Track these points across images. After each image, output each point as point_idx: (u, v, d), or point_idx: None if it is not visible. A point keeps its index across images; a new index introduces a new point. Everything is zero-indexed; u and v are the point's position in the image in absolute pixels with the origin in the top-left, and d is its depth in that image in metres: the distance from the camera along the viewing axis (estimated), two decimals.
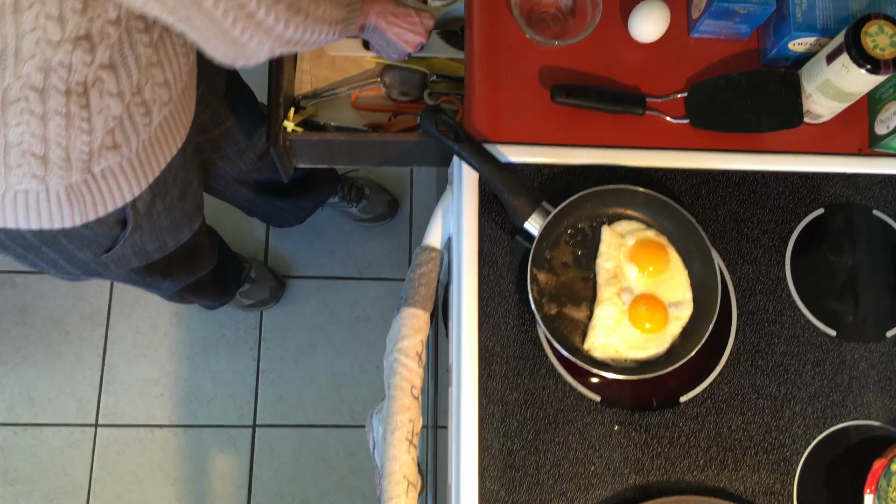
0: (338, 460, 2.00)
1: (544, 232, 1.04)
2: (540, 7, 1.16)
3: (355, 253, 2.12)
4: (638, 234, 1.08)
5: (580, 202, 1.06)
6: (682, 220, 1.06)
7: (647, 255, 1.07)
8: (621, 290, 1.06)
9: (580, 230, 1.09)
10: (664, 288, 1.07)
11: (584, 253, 1.08)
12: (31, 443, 1.96)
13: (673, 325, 1.05)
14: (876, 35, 0.99)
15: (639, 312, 1.05)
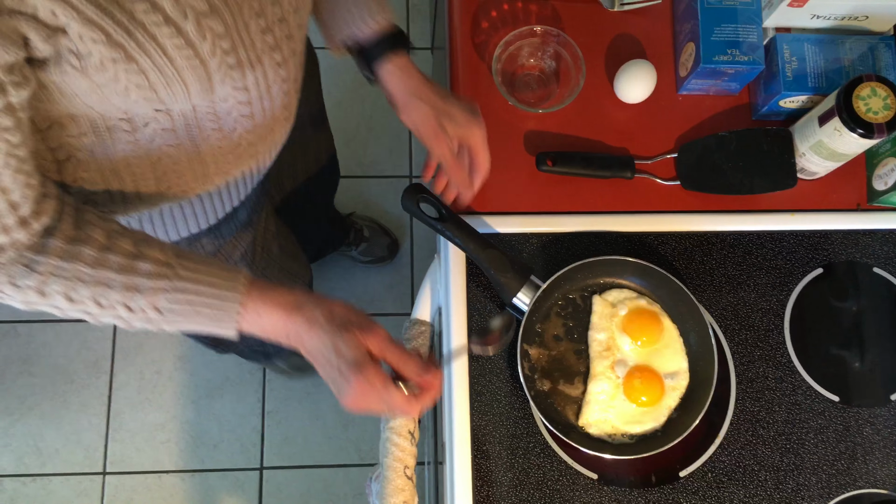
0: (346, 500, 1.99)
1: (534, 307, 1.02)
2: (523, 70, 1.13)
3: (357, 289, 2.11)
4: (630, 303, 1.05)
5: (570, 274, 1.03)
6: (674, 288, 1.03)
7: (639, 324, 1.04)
8: (615, 362, 1.04)
9: (571, 301, 1.06)
10: (659, 358, 1.04)
11: (576, 324, 1.06)
12: (41, 493, 1.96)
13: (670, 397, 1.03)
14: (868, 98, 0.96)
15: (634, 386, 1.02)
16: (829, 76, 1.06)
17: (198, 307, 0.76)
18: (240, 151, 0.88)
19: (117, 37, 0.62)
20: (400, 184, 2.17)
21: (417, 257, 2.14)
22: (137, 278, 0.74)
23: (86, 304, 0.74)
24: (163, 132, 0.78)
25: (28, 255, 0.70)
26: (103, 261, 0.73)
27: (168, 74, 0.68)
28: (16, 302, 0.73)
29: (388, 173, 2.18)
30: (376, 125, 2.14)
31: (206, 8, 0.66)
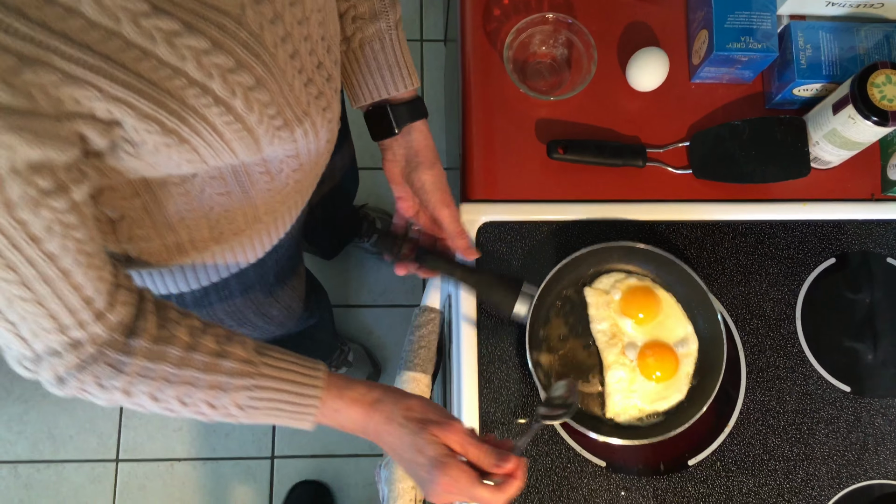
0: (356, 490, 1.99)
1: (533, 316, 1.01)
2: (535, 58, 1.13)
3: (369, 280, 2.11)
4: (620, 285, 1.05)
5: (560, 273, 1.02)
6: (681, 274, 1.02)
7: (636, 302, 1.04)
8: (624, 347, 1.03)
9: (567, 298, 1.06)
10: (664, 329, 1.04)
11: (577, 320, 1.05)
12: (54, 479, 1.98)
13: (686, 364, 1.02)
14: (883, 85, 0.95)
15: (648, 364, 1.02)
16: (844, 64, 1.05)
17: (278, 404, 0.78)
18: (287, 191, 0.90)
19: (171, 125, 0.63)
20: None
21: None
22: (222, 377, 0.75)
23: (170, 403, 0.76)
24: (212, 180, 0.79)
25: (114, 356, 0.72)
26: (188, 360, 0.74)
27: (217, 148, 0.69)
28: (99, 400, 0.75)
29: None
30: None
31: (254, 82, 0.67)
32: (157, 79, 0.60)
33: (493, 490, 0.77)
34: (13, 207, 0.56)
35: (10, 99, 0.52)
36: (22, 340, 0.68)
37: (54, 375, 0.71)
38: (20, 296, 0.63)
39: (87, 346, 0.70)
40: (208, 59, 0.62)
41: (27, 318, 0.66)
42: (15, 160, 0.54)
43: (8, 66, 0.51)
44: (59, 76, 0.54)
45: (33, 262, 0.61)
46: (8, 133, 0.52)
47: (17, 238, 0.59)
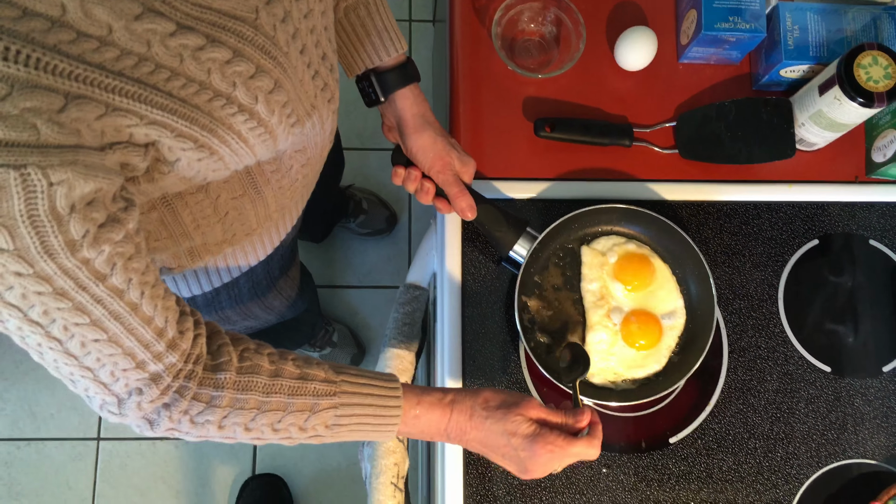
0: (339, 470, 1.99)
1: (532, 258, 1.01)
2: (523, 35, 1.12)
3: (354, 262, 2.11)
4: (619, 248, 1.05)
5: (567, 223, 1.03)
6: (670, 232, 1.03)
7: (630, 269, 1.04)
8: (610, 310, 1.03)
9: (570, 250, 1.06)
10: (653, 299, 1.04)
11: (574, 274, 1.06)
12: (35, 457, 1.97)
13: (668, 337, 1.03)
14: (869, 67, 0.95)
15: (631, 331, 1.02)
16: (831, 46, 1.05)
17: (363, 418, 0.80)
18: (296, 186, 0.91)
19: (203, 139, 0.64)
20: None
21: (415, 231, 2.13)
22: (309, 399, 0.77)
23: (262, 431, 0.76)
24: (226, 185, 0.79)
25: (206, 391, 0.72)
26: (275, 387, 0.76)
27: (242, 153, 0.70)
28: (191, 437, 0.75)
29: (387, 146, 2.16)
30: None
31: (273, 85, 0.67)
32: (186, 95, 0.60)
33: (586, 441, 0.81)
34: (76, 247, 0.55)
35: (60, 136, 0.52)
36: (102, 386, 0.67)
37: (142, 417, 0.71)
38: (94, 338, 0.62)
39: (165, 378, 0.69)
40: (230, 69, 0.63)
41: (104, 361, 0.65)
42: (73, 197, 0.53)
43: (56, 105, 0.51)
44: (102, 108, 0.54)
45: (101, 301, 0.60)
46: (63, 169, 0.52)
47: (82, 279, 0.57)
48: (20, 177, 0.50)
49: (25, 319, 0.58)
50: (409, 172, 1.01)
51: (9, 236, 0.52)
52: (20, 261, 0.53)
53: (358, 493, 1.97)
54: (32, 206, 0.51)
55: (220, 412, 0.73)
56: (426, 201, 1.02)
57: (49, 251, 0.54)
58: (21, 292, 0.56)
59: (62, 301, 0.58)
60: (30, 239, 0.53)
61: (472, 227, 1.07)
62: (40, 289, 0.56)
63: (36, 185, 0.51)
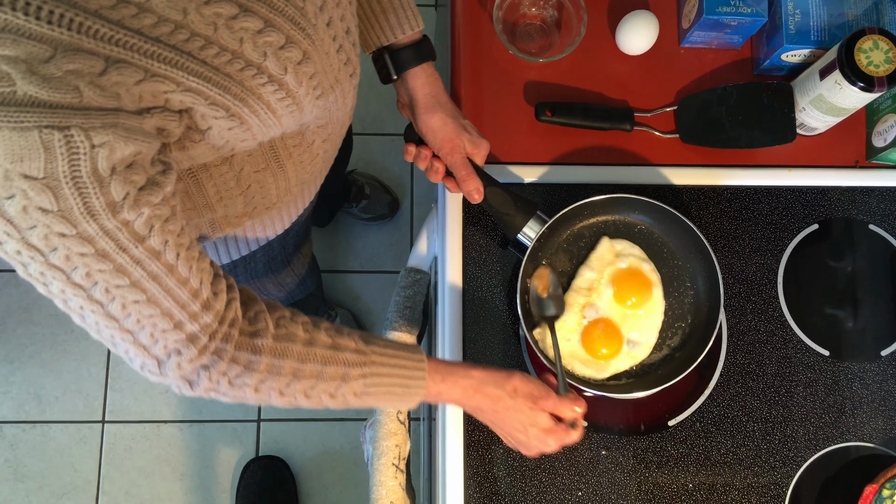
0: (342, 453, 2.01)
1: (541, 243, 1.01)
2: (525, 19, 1.12)
3: (356, 246, 2.11)
4: (633, 260, 1.05)
5: (578, 210, 1.02)
6: (684, 228, 1.02)
7: (630, 286, 1.03)
8: (588, 304, 1.03)
9: (580, 236, 1.06)
10: (632, 321, 1.03)
11: (581, 262, 1.05)
12: (40, 440, 1.98)
13: (621, 361, 1.03)
14: (870, 51, 0.95)
15: (592, 335, 1.02)
16: (833, 31, 1.05)
17: (390, 388, 0.83)
18: (316, 161, 0.92)
19: (235, 108, 0.65)
20: (401, 142, 2.14)
21: (417, 216, 2.14)
22: (341, 368, 0.79)
23: (296, 397, 0.79)
24: (250, 158, 0.80)
25: (246, 355, 0.74)
26: (310, 355, 0.78)
27: (270, 124, 0.71)
28: (227, 398, 0.77)
29: (389, 131, 2.17)
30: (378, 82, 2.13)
31: (301, 56, 0.68)
32: (220, 64, 0.61)
33: (578, 433, 0.91)
34: (117, 209, 0.57)
35: (102, 99, 0.53)
36: (142, 348, 0.69)
37: (182, 377, 0.72)
38: (134, 299, 0.63)
39: (202, 338, 0.70)
40: (262, 39, 0.64)
41: (143, 323, 0.66)
42: (114, 159, 0.54)
43: (97, 68, 0.52)
44: (141, 74, 0.55)
45: (140, 262, 0.61)
46: (105, 131, 0.53)
47: (122, 240, 0.59)
48: (64, 138, 0.51)
49: (69, 282, 0.60)
50: (420, 151, 1.02)
51: (53, 197, 0.53)
52: (64, 221, 0.55)
53: (359, 475, 1.99)
54: (75, 167, 0.52)
55: (258, 376, 0.75)
56: (436, 180, 1.03)
57: (91, 212, 0.55)
58: (65, 254, 0.57)
59: (104, 263, 0.59)
60: (73, 200, 0.54)
61: (473, 212, 1.07)
62: (83, 250, 0.57)
63: (79, 146, 0.52)
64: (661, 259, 1.05)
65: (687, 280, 1.04)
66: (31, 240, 0.56)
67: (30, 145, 0.50)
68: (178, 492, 1.97)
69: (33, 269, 0.59)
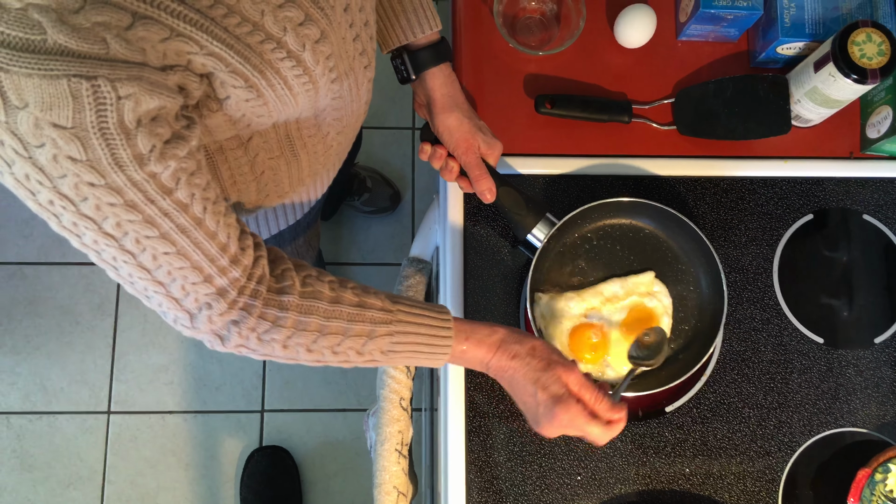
0: (344, 443, 2.03)
1: (547, 246, 1.03)
2: (525, 13, 1.14)
3: (358, 238, 2.13)
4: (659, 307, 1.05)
5: (587, 213, 1.04)
6: (688, 232, 1.04)
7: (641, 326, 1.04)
8: (595, 309, 1.05)
9: (588, 240, 1.08)
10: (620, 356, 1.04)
11: (588, 265, 1.07)
12: (47, 430, 2.01)
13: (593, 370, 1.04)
14: (863, 44, 0.97)
15: (582, 337, 1.04)
16: (827, 24, 1.07)
17: (416, 346, 0.84)
18: (330, 152, 0.93)
19: (253, 79, 0.66)
20: (403, 135, 2.19)
21: (419, 209, 2.16)
22: (367, 325, 0.81)
23: (323, 353, 0.80)
24: (265, 144, 0.82)
25: (273, 312, 0.76)
26: (336, 312, 0.79)
27: (286, 101, 0.72)
28: (257, 355, 0.79)
29: (391, 124, 2.19)
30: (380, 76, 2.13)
31: (319, 35, 0.70)
32: (241, 34, 0.63)
33: (604, 428, 0.85)
34: (144, 161, 0.58)
35: (128, 52, 0.54)
36: (174, 301, 0.70)
37: (213, 332, 0.75)
38: (164, 251, 0.65)
39: (231, 292, 0.72)
40: (282, 14, 0.65)
41: (174, 275, 0.68)
42: (139, 111, 0.56)
43: (124, 22, 0.54)
44: (167, 32, 0.57)
45: (168, 214, 0.63)
46: (130, 84, 0.54)
47: (150, 192, 0.60)
48: (91, 88, 0.53)
49: (100, 232, 0.62)
50: (436, 150, 1.03)
51: (81, 147, 0.55)
52: (93, 171, 0.56)
53: (362, 465, 2.01)
54: (103, 117, 0.54)
55: (286, 332, 0.77)
56: (450, 179, 1.04)
57: (119, 163, 0.57)
58: (95, 203, 0.59)
59: (133, 213, 0.61)
60: (101, 150, 0.55)
61: (474, 203, 1.09)
62: (112, 200, 0.59)
63: (106, 97, 0.53)
64: (665, 263, 1.07)
65: (691, 284, 1.06)
66: (63, 189, 0.57)
67: (59, 93, 0.52)
68: (183, 481, 2.00)
69: (66, 219, 0.61)
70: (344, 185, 1.97)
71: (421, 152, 1.05)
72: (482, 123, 1.04)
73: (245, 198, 0.90)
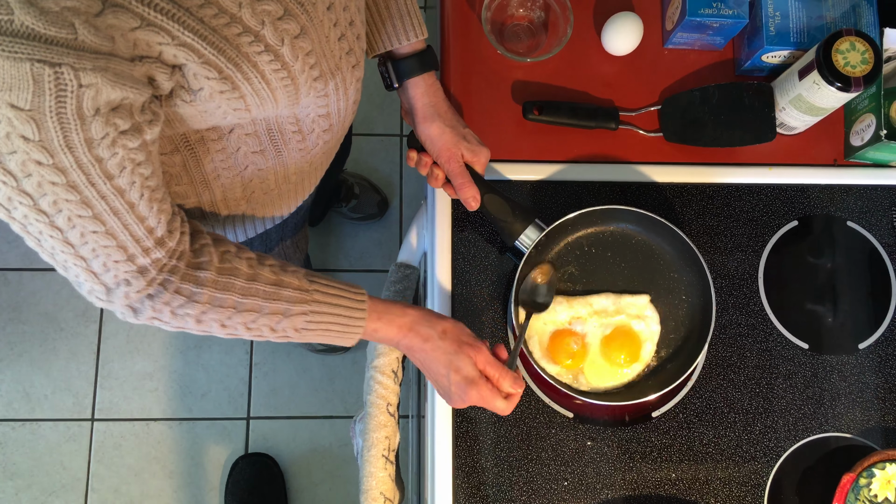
0: (331, 450, 2.02)
1: (535, 249, 1.03)
2: (512, 20, 1.15)
3: (346, 245, 2.13)
4: (646, 333, 1.06)
5: (576, 220, 1.04)
6: (678, 241, 1.05)
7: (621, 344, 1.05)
8: (580, 319, 1.05)
9: (578, 246, 1.08)
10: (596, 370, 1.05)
11: (581, 271, 1.07)
12: (30, 438, 1.99)
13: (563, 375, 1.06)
14: (847, 52, 0.98)
15: (562, 341, 1.05)
16: (812, 32, 1.08)
17: (330, 326, 0.86)
18: (316, 152, 0.93)
19: (228, 71, 0.66)
20: (391, 142, 2.19)
21: (406, 215, 2.16)
22: (282, 304, 0.82)
23: (237, 328, 0.81)
24: (247, 138, 0.82)
25: (187, 287, 0.76)
26: (252, 290, 0.80)
27: (263, 96, 0.72)
28: (169, 327, 0.79)
29: (378, 131, 2.19)
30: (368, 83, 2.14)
31: (299, 30, 0.70)
32: (217, 25, 0.63)
33: (507, 403, 0.90)
34: (93, 146, 0.59)
35: (96, 40, 0.54)
36: (93, 275, 0.71)
37: (127, 305, 0.75)
38: (92, 230, 0.66)
39: (151, 271, 0.73)
40: (260, 7, 0.65)
41: (98, 252, 0.69)
42: (99, 101, 0.56)
43: (94, 9, 0.54)
44: (137, 21, 0.57)
45: (105, 197, 0.64)
46: (94, 74, 0.55)
47: (93, 175, 0.61)
48: (54, 74, 0.53)
49: (34, 208, 0.62)
50: (422, 157, 1.04)
51: (36, 128, 0.55)
52: (43, 150, 0.57)
53: (348, 472, 2.00)
54: (61, 103, 0.55)
55: (200, 307, 0.77)
56: (436, 186, 1.05)
57: (70, 145, 0.58)
58: (38, 181, 0.60)
59: (72, 193, 0.62)
60: (54, 132, 0.56)
61: (462, 209, 1.10)
62: (55, 179, 0.60)
63: (67, 84, 0.54)
64: (656, 271, 1.08)
65: (681, 293, 1.07)
66: (9, 165, 0.58)
67: (20, 76, 0.52)
68: (168, 489, 1.98)
69: (1, 194, 0.61)
70: (332, 191, 1.97)
71: (408, 159, 1.05)
72: (467, 131, 1.04)
73: (230, 194, 0.90)
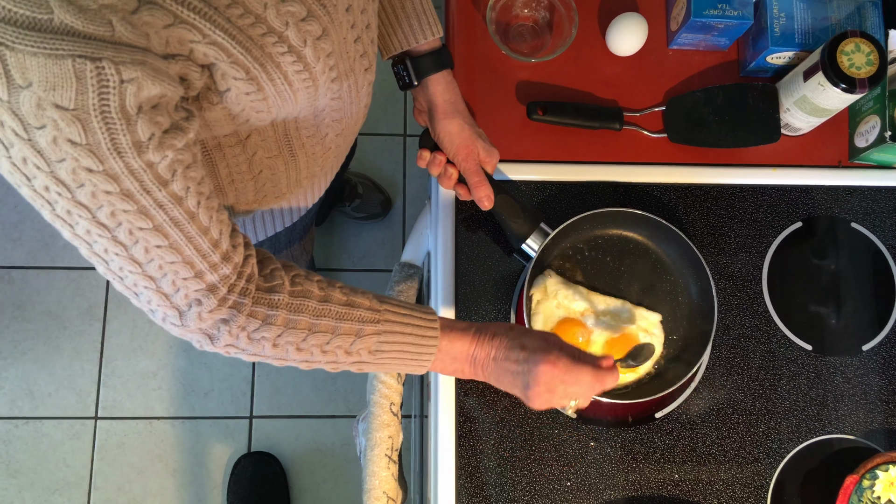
0: (333, 450, 2.02)
1: (541, 255, 1.03)
2: (517, 21, 1.15)
3: (349, 245, 2.13)
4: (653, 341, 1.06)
5: (579, 223, 1.04)
6: (680, 243, 1.04)
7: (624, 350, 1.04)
8: (591, 313, 1.05)
9: (579, 250, 1.08)
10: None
11: (584, 276, 1.08)
12: (33, 435, 1.99)
13: None
14: (852, 53, 0.98)
15: (569, 329, 1.05)
16: (816, 34, 1.08)
17: (403, 346, 0.84)
18: (328, 155, 0.93)
19: (254, 72, 0.66)
20: (394, 142, 2.19)
21: (410, 215, 2.16)
22: (355, 324, 0.80)
23: (312, 352, 0.80)
24: (264, 143, 0.82)
25: (263, 310, 0.75)
26: (325, 311, 0.79)
27: (286, 97, 0.72)
28: (245, 355, 0.78)
29: (382, 131, 2.19)
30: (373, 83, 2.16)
31: (321, 31, 0.70)
32: (243, 25, 0.62)
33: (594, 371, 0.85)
34: (142, 149, 0.57)
35: (132, 37, 0.54)
36: (163, 296, 0.70)
37: (202, 330, 0.74)
38: (156, 244, 0.64)
39: (221, 289, 0.71)
40: (285, 8, 0.65)
41: (165, 269, 0.67)
42: (141, 97, 0.55)
43: (130, 6, 0.54)
44: (171, 18, 0.57)
45: (163, 206, 0.62)
46: (134, 68, 0.54)
47: (147, 181, 0.60)
48: (95, 69, 0.52)
49: (94, 221, 0.61)
50: (434, 157, 1.04)
51: (82, 129, 0.54)
52: (91, 156, 0.56)
53: (350, 472, 2.01)
54: (104, 100, 0.53)
55: (276, 330, 0.76)
56: (447, 186, 1.05)
57: (118, 149, 0.56)
58: (91, 190, 0.58)
59: (128, 203, 0.60)
60: (101, 134, 0.55)
61: (465, 208, 1.10)
62: (108, 188, 0.58)
63: (109, 79, 0.53)
64: (656, 274, 1.08)
65: (681, 294, 1.07)
66: (60, 174, 0.57)
67: (63, 73, 0.51)
68: (170, 487, 1.99)
69: (60, 207, 0.60)
70: (335, 191, 1.97)
71: (419, 159, 1.05)
72: (481, 131, 1.04)
73: (243, 198, 0.90)
